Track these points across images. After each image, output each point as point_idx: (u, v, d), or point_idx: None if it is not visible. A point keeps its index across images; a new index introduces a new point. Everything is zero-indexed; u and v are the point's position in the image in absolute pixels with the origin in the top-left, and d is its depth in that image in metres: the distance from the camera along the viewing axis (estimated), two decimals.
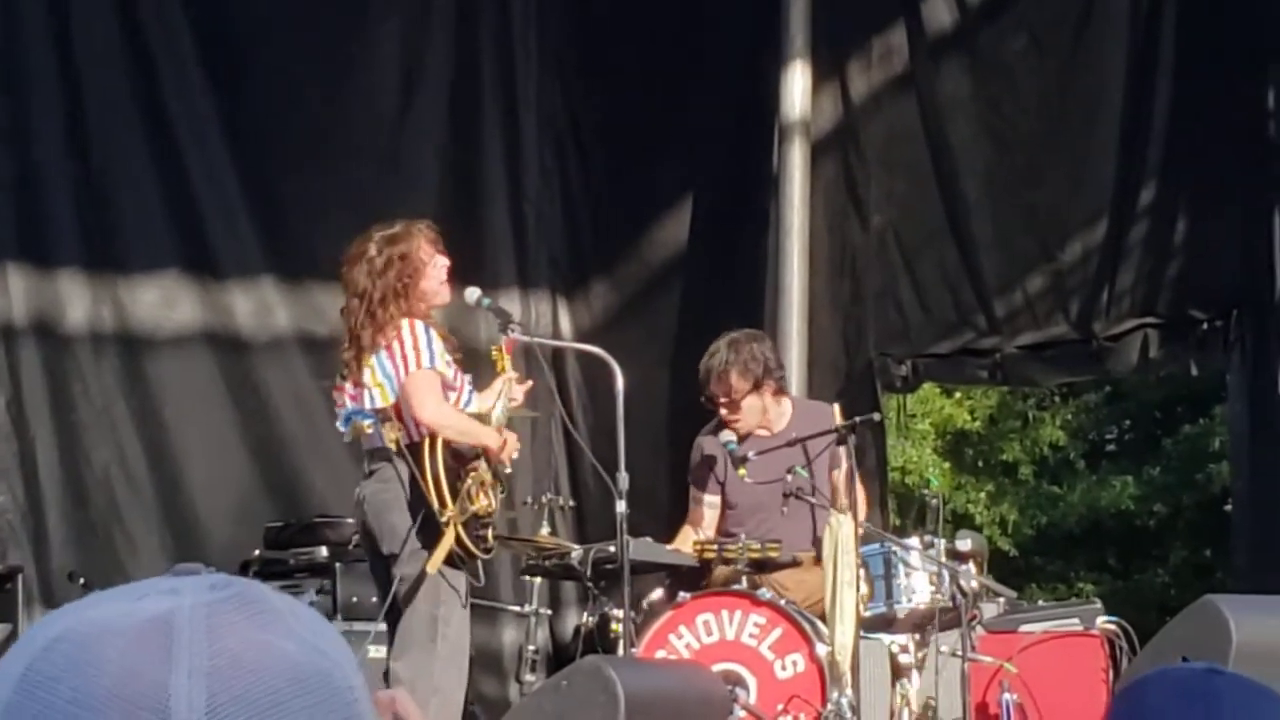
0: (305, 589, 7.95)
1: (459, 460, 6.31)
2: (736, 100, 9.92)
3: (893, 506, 11.95)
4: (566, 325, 10.11)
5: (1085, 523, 18.77)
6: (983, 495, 18.52)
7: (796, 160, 9.42)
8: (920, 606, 7.07)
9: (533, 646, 8.63)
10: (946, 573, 7.05)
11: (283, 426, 9.23)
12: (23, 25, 8.90)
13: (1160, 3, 9.32)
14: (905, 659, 7.11)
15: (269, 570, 8.16)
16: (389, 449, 6.30)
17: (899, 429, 15.55)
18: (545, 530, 8.31)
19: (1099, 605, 7.56)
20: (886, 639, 7.09)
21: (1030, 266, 9.59)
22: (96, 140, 9.01)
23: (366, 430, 6.41)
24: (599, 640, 7.17)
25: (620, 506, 6.69)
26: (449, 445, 6.28)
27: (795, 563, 7.26)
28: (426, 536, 6.22)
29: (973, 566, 7.22)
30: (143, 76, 9.13)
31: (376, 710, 1.10)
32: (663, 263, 10.02)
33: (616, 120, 10.03)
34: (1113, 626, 7.24)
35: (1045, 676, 7.05)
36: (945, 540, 7.21)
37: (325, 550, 8.21)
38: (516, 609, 8.86)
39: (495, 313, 6.92)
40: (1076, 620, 7.30)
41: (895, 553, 7.12)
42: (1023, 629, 7.26)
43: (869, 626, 6.90)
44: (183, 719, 0.99)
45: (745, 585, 7.00)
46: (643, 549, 7.03)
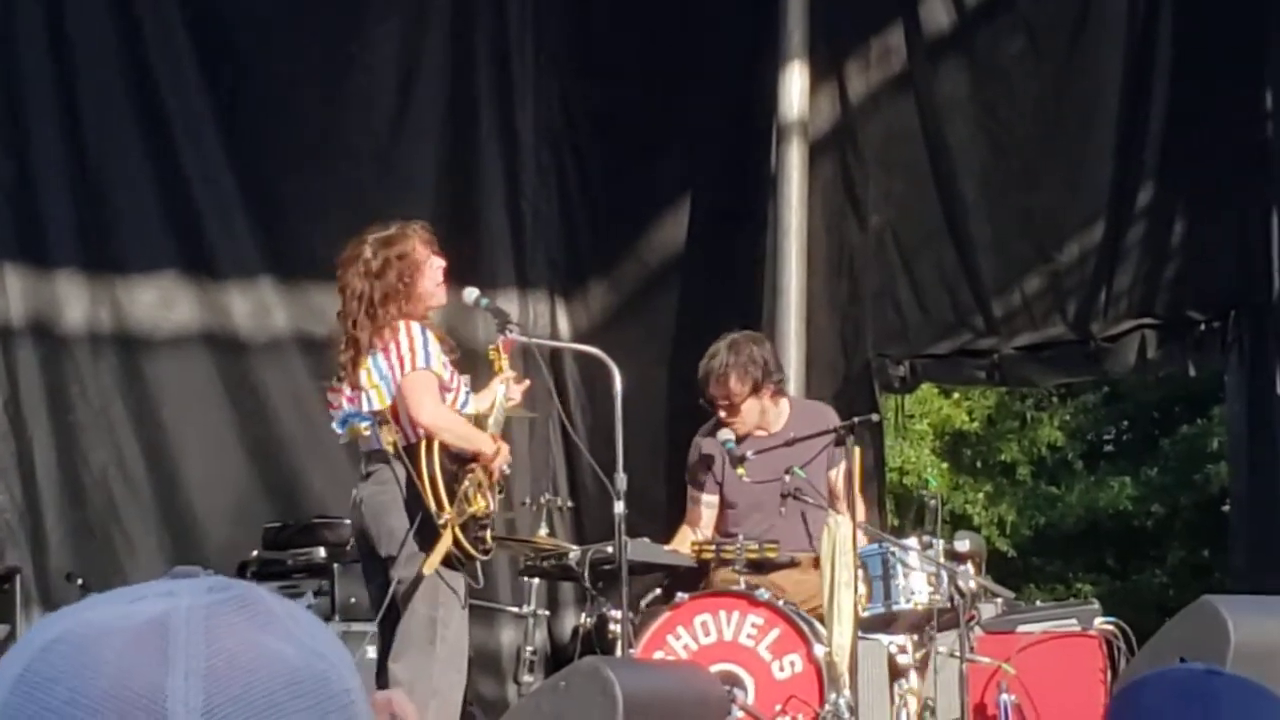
0: (303, 590, 7.94)
1: (456, 462, 6.30)
2: (735, 100, 9.91)
3: (891, 507, 11.96)
4: (564, 325, 10.10)
5: (1083, 523, 18.73)
6: (981, 496, 18.49)
7: (794, 160, 9.42)
8: (918, 607, 7.06)
9: (531, 647, 8.61)
10: (945, 573, 7.04)
11: (281, 427, 9.22)
12: (18, 24, 8.88)
13: (1157, 5, 9.33)
14: (903, 659, 7.10)
15: (267, 571, 8.14)
16: (386, 451, 6.30)
17: (897, 429, 15.55)
18: (543, 531, 8.30)
19: (1097, 606, 7.56)
20: (885, 639, 7.08)
21: (1028, 267, 9.60)
22: (93, 140, 8.99)
23: (364, 433, 6.40)
24: (597, 641, 7.16)
25: (618, 507, 6.69)
26: (446, 447, 6.27)
27: (793, 563, 7.26)
28: (424, 538, 6.22)
29: (971, 567, 7.21)
30: (139, 75, 9.11)
31: (374, 712, 1.10)
32: (661, 263, 10.01)
33: (614, 120, 10.02)
34: (1111, 627, 7.23)
35: (1043, 677, 7.04)
36: (943, 541, 7.21)
37: (323, 551, 8.19)
38: (514, 610, 8.85)
39: (493, 313, 6.92)
40: (1075, 621, 7.29)
41: (893, 553, 7.12)
42: (1021, 629, 7.25)
43: (867, 627, 6.90)
44: None
45: (743, 586, 7.00)
46: (641, 549, 7.03)
